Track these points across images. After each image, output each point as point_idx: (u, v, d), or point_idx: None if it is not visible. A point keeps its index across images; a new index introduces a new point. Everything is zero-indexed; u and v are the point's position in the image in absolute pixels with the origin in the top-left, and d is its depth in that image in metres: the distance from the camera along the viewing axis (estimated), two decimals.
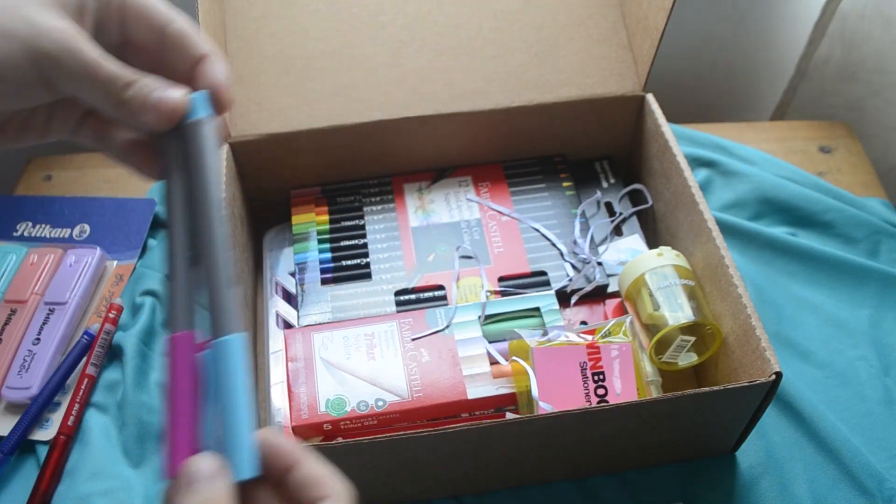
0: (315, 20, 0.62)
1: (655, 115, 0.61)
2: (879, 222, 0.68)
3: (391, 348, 0.52)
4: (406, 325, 0.53)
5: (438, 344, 0.52)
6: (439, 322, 0.54)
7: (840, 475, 0.53)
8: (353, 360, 0.51)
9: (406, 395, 0.49)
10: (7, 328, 0.60)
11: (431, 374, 0.51)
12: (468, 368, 0.51)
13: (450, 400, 0.50)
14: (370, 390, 0.50)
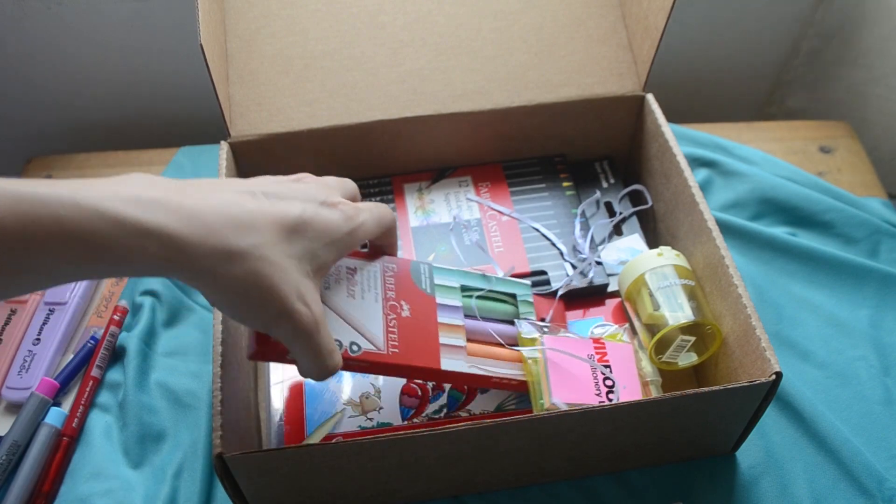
0: (315, 20, 0.62)
1: (655, 115, 0.61)
2: (879, 222, 0.68)
3: (372, 291, 0.47)
4: (389, 270, 0.49)
5: (420, 301, 0.49)
6: (423, 280, 0.50)
7: (840, 475, 0.53)
8: (332, 291, 0.46)
9: (382, 347, 0.45)
10: (7, 328, 0.60)
11: (410, 332, 0.47)
12: (445, 337, 0.49)
13: (423, 365, 0.47)
14: (346, 330, 0.45)
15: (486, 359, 0.50)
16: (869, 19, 0.77)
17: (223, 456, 0.42)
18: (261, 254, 0.36)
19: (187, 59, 0.79)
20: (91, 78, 0.81)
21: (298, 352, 0.40)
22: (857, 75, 0.81)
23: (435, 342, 0.48)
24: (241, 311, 0.38)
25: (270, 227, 0.37)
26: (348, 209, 0.42)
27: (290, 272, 0.38)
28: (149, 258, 0.33)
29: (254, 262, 0.36)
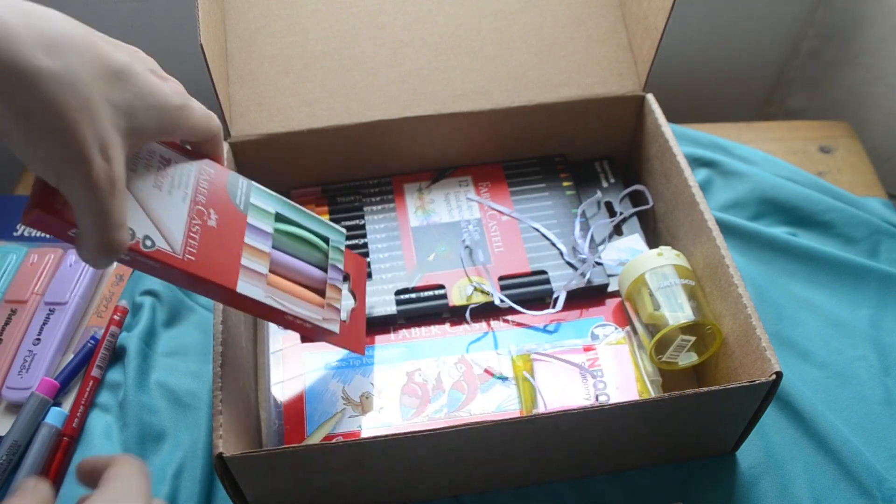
0: (315, 20, 0.62)
1: (655, 115, 0.61)
2: (879, 222, 0.68)
3: (181, 190, 0.42)
4: (206, 174, 0.44)
5: (230, 215, 0.45)
6: (238, 195, 0.46)
7: (840, 475, 0.53)
8: (138, 175, 0.41)
9: (179, 251, 0.41)
10: (7, 328, 0.60)
11: (212, 243, 0.43)
12: (248, 260, 0.44)
13: (217, 282, 0.43)
14: (143, 221, 0.40)
15: (286, 294, 0.46)
16: (868, 19, 0.77)
17: (223, 456, 0.42)
18: (73, 80, 0.32)
19: (187, 59, 0.79)
20: None
21: (83, 213, 0.34)
22: (856, 75, 0.81)
23: (236, 262, 0.44)
24: (29, 143, 0.32)
25: (92, 59, 0.33)
26: (180, 88, 0.39)
27: (99, 116, 0.33)
28: None
29: (62, 85, 0.31)
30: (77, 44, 0.32)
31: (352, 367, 0.55)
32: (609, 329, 0.58)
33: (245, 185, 0.47)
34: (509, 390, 0.54)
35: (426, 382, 0.54)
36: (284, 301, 0.46)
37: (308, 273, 0.49)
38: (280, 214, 0.48)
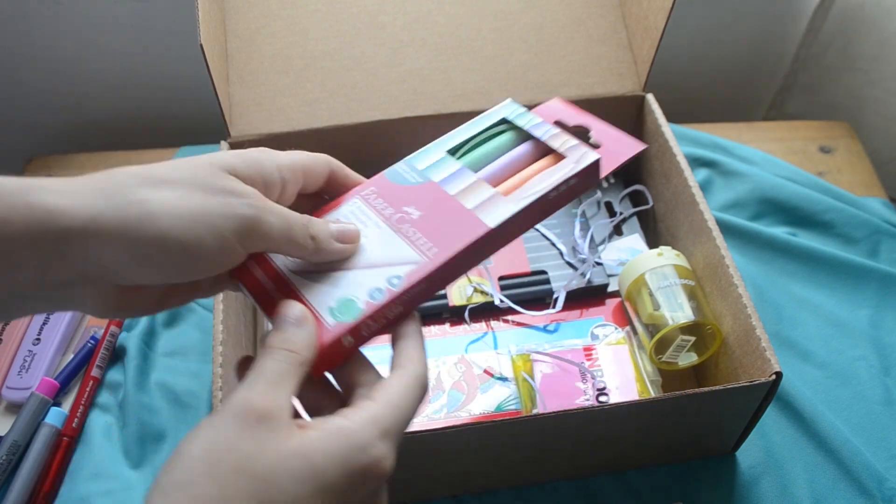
0: (315, 20, 0.62)
1: (655, 115, 0.61)
2: (879, 222, 0.68)
3: (370, 222, 0.39)
4: (371, 194, 0.41)
5: (420, 195, 0.41)
6: (409, 176, 0.42)
7: (840, 475, 0.53)
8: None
9: (419, 257, 0.37)
10: (7, 328, 0.60)
11: (433, 224, 0.39)
12: (470, 201, 0.40)
13: (473, 239, 0.38)
14: (374, 274, 0.37)
15: (526, 184, 0.40)
16: (867, 23, 0.77)
17: None
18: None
19: (187, 59, 0.79)
20: (91, 78, 0.81)
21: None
22: (855, 79, 0.81)
23: (465, 213, 0.39)
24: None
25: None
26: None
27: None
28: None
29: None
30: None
31: None
32: (609, 329, 0.58)
33: (403, 165, 0.43)
34: (509, 390, 0.54)
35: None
36: (533, 189, 0.40)
37: (519, 156, 0.43)
38: (451, 149, 0.43)
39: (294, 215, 0.34)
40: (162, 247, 0.29)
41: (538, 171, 0.41)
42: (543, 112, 0.43)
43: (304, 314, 0.33)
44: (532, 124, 0.43)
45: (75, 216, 0.28)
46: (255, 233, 0.32)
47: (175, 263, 0.30)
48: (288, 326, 0.32)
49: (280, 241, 0.33)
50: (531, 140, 0.43)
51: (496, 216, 0.39)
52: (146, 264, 0.29)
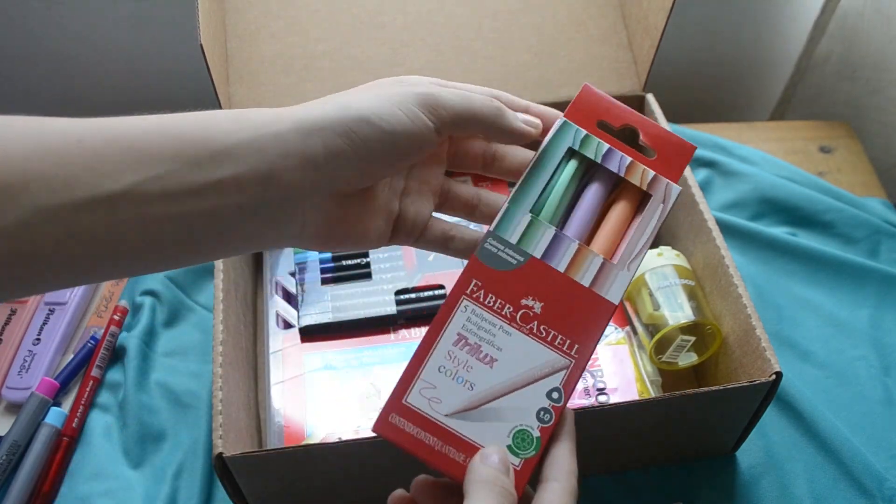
0: (315, 20, 0.62)
1: (655, 115, 0.61)
2: (879, 222, 0.68)
3: (495, 329, 0.35)
4: (478, 291, 0.36)
5: (532, 280, 0.36)
6: (505, 257, 0.36)
7: (840, 475, 0.53)
8: (474, 377, 0.34)
9: (565, 360, 0.35)
10: (7, 328, 0.60)
11: (560, 315, 0.35)
12: (583, 276, 0.36)
13: (605, 323, 0.36)
14: (532, 393, 0.34)
15: (626, 240, 0.38)
16: (868, 31, 0.77)
17: (223, 456, 0.42)
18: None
19: (187, 59, 0.79)
20: (91, 78, 0.81)
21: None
22: (856, 87, 0.81)
23: (586, 294, 0.36)
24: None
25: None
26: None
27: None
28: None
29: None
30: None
31: (352, 367, 0.55)
32: (609, 329, 0.58)
33: (494, 243, 0.37)
34: None
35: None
36: (637, 246, 0.38)
37: (597, 199, 0.39)
38: (533, 211, 0.38)
39: (474, 89, 0.36)
40: (364, 125, 0.32)
41: (626, 217, 0.38)
42: (582, 109, 0.39)
43: (506, 460, 0.33)
44: (602, 153, 0.39)
45: (290, 117, 0.33)
46: (437, 103, 0.34)
47: (379, 143, 0.33)
48: (498, 473, 0.32)
49: (462, 110, 0.35)
50: (600, 172, 0.39)
51: (616, 290, 0.36)
52: (356, 150, 0.32)
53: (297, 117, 0.33)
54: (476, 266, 0.36)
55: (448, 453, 0.33)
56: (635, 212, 0.38)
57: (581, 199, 0.39)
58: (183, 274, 0.64)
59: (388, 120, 0.33)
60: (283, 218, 0.33)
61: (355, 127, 0.32)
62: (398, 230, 0.38)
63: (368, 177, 0.34)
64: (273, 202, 0.32)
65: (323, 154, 0.32)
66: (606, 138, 0.39)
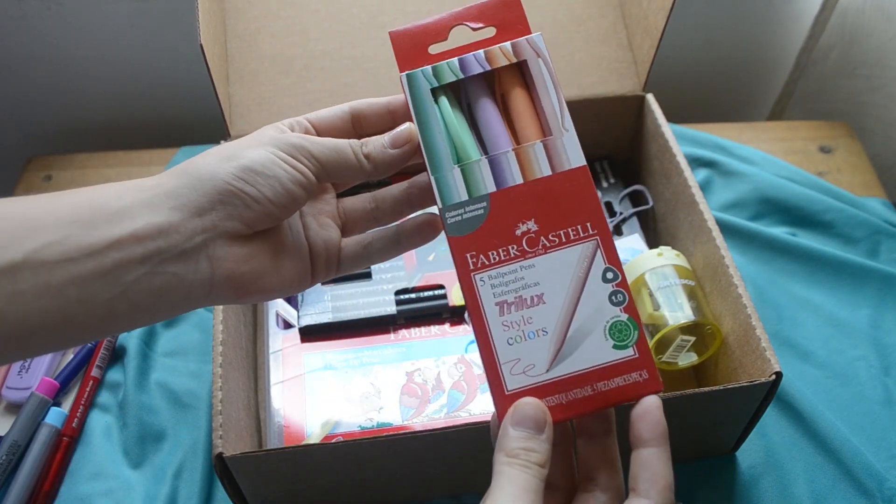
0: (315, 20, 0.62)
1: (655, 115, 0.61)
2: (879, 222, 0.68)
3: (517, 273, 0.35)
4: (475, 259, 0.35)
5: (508, 211, 0.35)
6: (469, 216, 0.35)
7: (840, 475, 0.53)
8: (538, 323, 0.34)
9: (593, 243, 0.35)
10: None
11: (555, 214, 0.35)
12: (540, 169, 0.36)
13: (591, 184, 0.35)
14: (593, 293, 0.34)
15: (545, 114, 0.37)
16: (868, 29, 0.77)
17: (223, 456, 0.42)
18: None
19: (187, 59, 0.79)
20: (91, 78, 0.81)
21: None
22: (856, 85, 0.81)
23: (557, 179, 0.35)
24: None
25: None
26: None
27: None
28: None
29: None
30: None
31: (352, 367, 0.55)
32: None
33: (451, 213, 0.36)
34: None
35: (426, 382, 0.54)
36: (554, 110, 0.37)
37: (490, 101, 0.38)
38: (455, 161, 0.37)
39: (341, 141, 0.37)
40: (247, 172, 0.34)
41: (524, 94, 0.38)
42: (407, 53, 0.38)
43: (544, 413, 0.32)
44: (456, 67, 0.38)
45: (176, 175, 0.34)
46: (310, 156, 0.36)
47: (267, 187, 0.34)
48: (529, 433, 0.32)
49: (333, 163, 0.36)
50: (472, 82, 0.38)
51: (572, 153, 0.35)
52: (241, 196, 0.34)
53: (184, 174, 0.34)
54: (457, 242, 0.35)
55: (579, 396, 0.33)
56: (527, 84, 0.38)
57: (478, 116, 0.38)
58: None
59: (271, 168, 0.34)
60: (188, 267, 0.33)
61: (244, 176, 0.34)
62: (317, 266, 0.39)
63: (265, 218, 0.35)
64: (175, 250, 0.33)
65: (217, 200, 0.34)
66: (448, 55, 0.38)
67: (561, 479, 0.34)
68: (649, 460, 0.31)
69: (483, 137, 0.37)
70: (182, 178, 0.34)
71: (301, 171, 0.35)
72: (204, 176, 0.34)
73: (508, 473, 0.30)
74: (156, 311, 0.34)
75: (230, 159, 0.34)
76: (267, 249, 0.36)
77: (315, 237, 0.40)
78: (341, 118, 0.39)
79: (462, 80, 0.37)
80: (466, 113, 0.38)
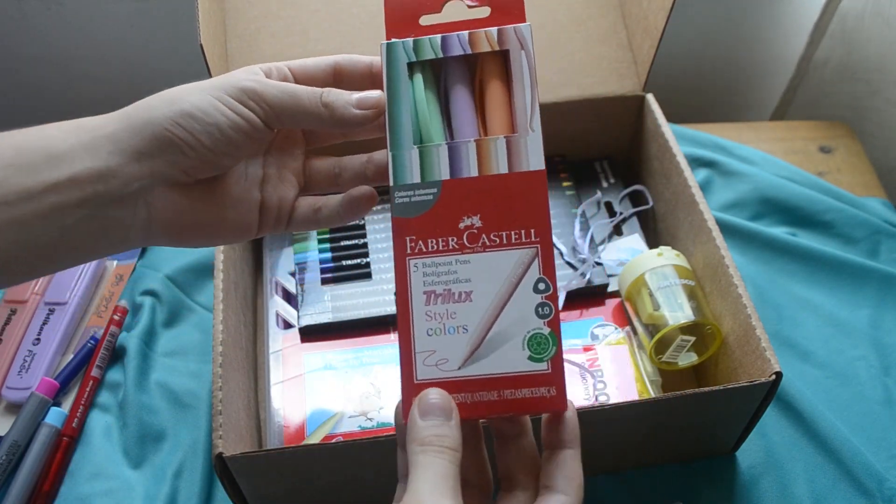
0: (315, 20, 0.62)
1: (655, 115, 0.61)
2: (879, 222, 0.68)
3: (450, 267, 0.34)
4: (414, 243, 0.34)
5: (456, 202, 0.34)
6: (418, 200, 0.34)
7: (840, 475, 0.53)
8: (461, 320, 0.34)
9: (531, 250, 0.33)
10: (7, 328, 0.60)
11: (501, 213, 0.34)
12: (498, 166, 0.34)
13: (544, 191, 0.34)
14: (520, 300, 0.33)
15: (515, 107, 0.35)
16: (868, 34, 0.77)
17: (223, 456, 0.42)
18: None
19: (187, 59, 0.79)
20: (91, 78, 0.81)
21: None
22: (857, 89, 0.81)
23: (511, 179, 0.34)
24: None
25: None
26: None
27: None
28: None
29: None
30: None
31: (352, 367, 0.55)
32: (609, 329, 0.58)
33: (400, 194, 0.34)
34: None
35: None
36: (526, 106, 0.36)
37: (465, 86, 0.37)
38: (415, 140, 0.36)
39: (303, 88, 0.36)
40: (188, 120, 0.34)
41: (500, 86, 0.36)
42: (396, 20, 0.37)
43: (450, 402, 0.32)
44: (437, 46, 0.36)
45: (118, 119, 0.34)
46: (259, 100, 0.35)
47: (203, 135, 0.34)
48: (438, 421, 0.31)
49: (287, 108, 0.35)
50: (450, 63, 0.37)
51: (534, 156, 0.34)
52: (182, 143, 0.34)
53: (127, 117, 0.34)
54: (400, 224, 0.34)
55: (484, 399, 0.33)
56: (506, 75, 0.36)
57: (450, 99, 0.37)
58: (183, 274, 0.64)
59: (211, 114, 0.34)
60: (125, 212, 0.34)
61: (181, 121, 0.34)
62: (266, 219, 0.39)
63: (204, 167, 0.35)
64: (112, 195, 0.33)
65: (155, 147, 0.34)
66: (437, 29, 0.36)
67: (476, 476, 0.34)
68: (565, 460, 0.32)
69: (451, 123, 0.36)
70: (123, 122, 0.34)
71: (245, 117, 0.35)
72: (143, 120, 0.34)
73: (423, 462, 0.30)
74: (95, 251, 0.35)
75: (172, 103, 0.34)
76: (209, 199, 0.37)
77: (271, 191, 0.39)
78: (323, 70, 0.38)
79: (443, 59, 0.36)
80: (442, 93, 0.37)
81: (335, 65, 0.38)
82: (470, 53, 0.36)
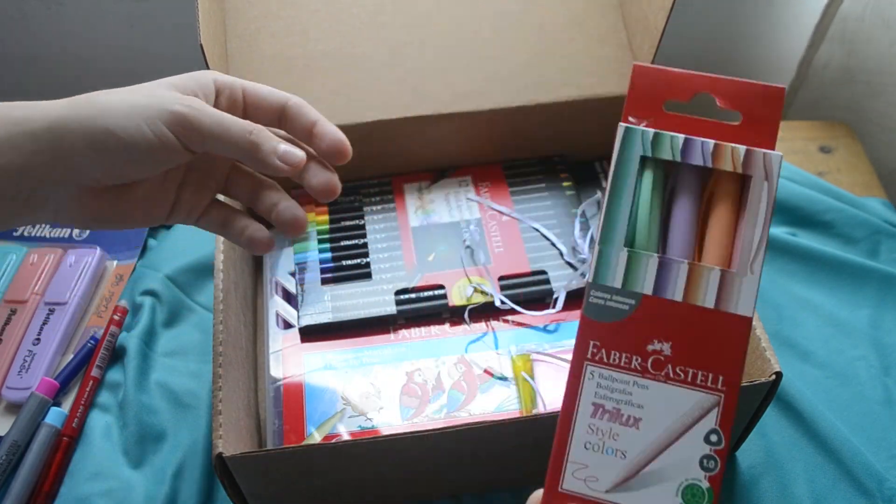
0: (315, 20, 0.62)
1: None
2: (879, 222, 0.68)
3: (630, 387, 0.33)
4: (597, 352, 0.33)
5: (650, 321, 0.33)
6: (613, 305, 0.33)
7: (840, 475, 0.53)
8: (623, 444, 0.32)
9: (713, 396, 0.32)
10: (7, 328, 0.60)
11: (693, 348, 0.33)
12: (705, 297, 0.33)
13: (744, 340, 0.33)
14: (689, 442, 0.32)
15: (738, 241, 0.33)
16: (868, 36, 0.77)
17: (223, 456, 0.42)
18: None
19: (187, 59, 0.79)
20: (91, 78, 0.81)
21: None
22: (857, 91, 0.81)
23: (714, 315, 0.33)
24: None
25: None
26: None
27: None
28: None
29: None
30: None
31: (352, 367, 0.55)
32: None
33: (597, 294, 0.33)
34: (509, 390, 0.54)
35: (426, 382, 0.54)
36: (753, 242, 0.33)
37: (691, 204, 0.35)
38: (626, 241, 0.34)
39: (234, 119, 0.37)
40: (109, 137, 0.35)
41: (730, 211, 0.34)
42: (640, 97, 0.35)
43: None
44: (679, 147, 0.34)
45: (45, 117, 0.35)
46: (188, 127, 0.36)
47: (123, 153, 0.35)
48: None
49: (215, 137, 0.37)
50: (685, 170, 0.35)
51: (745, 300, 0.32)
52: (100, 156, 0.35)
53: (50, 117, 0.36)
54: (588, 325, 0.33)
55: None
56: (739, 202, 0.34)
57: (674, 208, 0.34)
58: (183, 274, 0.64)
59: (132, 135, 0.35)
60: (36, 203, 0.37)
61: (100, 137, 0.35)
62: (174, 217, 0.41)
63: (115, 178, 0.37)
64: (26, 190, 0.36)
65: (70, 154, 0.35)
66: (680, 122, 0.34)
67: None
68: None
69: (667, 234, 0.34)
70: (47, 122, 0.35)
71: (166, 141, 0.36)
72: (68, 127, 0.35)
73: None
74: (4, 227, 0.38)
75: (97, 118, 0.35)
76: (121, 199, 0.38)
77: (188, 196, 0.41)
78: (273, 103, 0.41)
79: (676, 163, 0.34)
80: (666, 197, 0.35)
81: (286, 104, 0.40)
82: (708, 167, 0.34)
